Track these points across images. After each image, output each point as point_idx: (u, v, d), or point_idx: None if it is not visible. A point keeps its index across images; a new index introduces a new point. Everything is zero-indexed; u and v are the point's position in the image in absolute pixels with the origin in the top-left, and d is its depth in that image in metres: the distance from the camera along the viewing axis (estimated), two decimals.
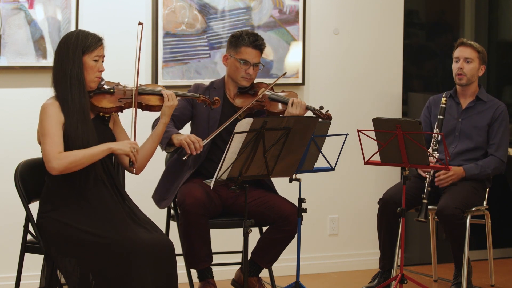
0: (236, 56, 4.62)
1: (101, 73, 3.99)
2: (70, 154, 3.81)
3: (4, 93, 5.04)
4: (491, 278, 5.46)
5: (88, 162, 3.84)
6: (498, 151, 5.14)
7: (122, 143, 3.94)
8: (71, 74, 3.89)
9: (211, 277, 4.55)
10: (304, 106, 4.59)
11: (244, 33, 4.64)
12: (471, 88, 5.24)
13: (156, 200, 4.67)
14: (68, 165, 3.80)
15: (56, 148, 3.81)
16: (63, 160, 3.79)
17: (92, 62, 3.93)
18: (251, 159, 3.91)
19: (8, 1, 4.94)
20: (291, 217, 4.51)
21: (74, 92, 3.88)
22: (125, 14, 5.22)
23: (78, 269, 3.71)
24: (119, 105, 4.05)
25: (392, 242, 5.07)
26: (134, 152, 3.92)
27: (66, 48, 3.92)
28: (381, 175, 5.88)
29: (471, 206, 5.00)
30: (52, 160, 3.79)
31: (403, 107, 6.00)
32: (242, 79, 4.64)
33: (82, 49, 3.91)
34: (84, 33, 3.96)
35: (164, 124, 4.13)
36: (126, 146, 3.92)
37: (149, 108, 4.15)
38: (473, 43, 5.22)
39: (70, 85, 3.89)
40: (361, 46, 5.85)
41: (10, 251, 4.58)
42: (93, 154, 3.84)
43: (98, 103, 4.00)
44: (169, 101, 4.12)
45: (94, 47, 3.94)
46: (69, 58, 3.90)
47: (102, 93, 4.04)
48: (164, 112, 4.13)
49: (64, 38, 3.98)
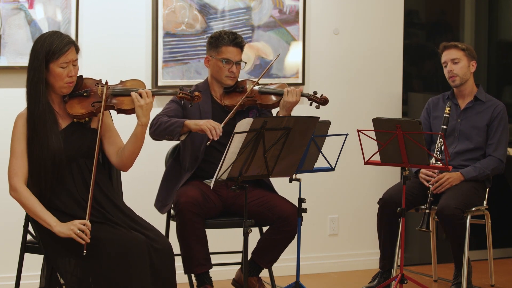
0: (218, 56, 4.63)
1: (72, 78, 3.82)
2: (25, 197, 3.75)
3: (4, 93, 5.04)
4: (491, 278, 5.46)
5: (31, 215, 3.78)
6: (496, 151, 5.14)
7: (65, 226, 3.67)
8: (31, 83, 3.77)
9: (210, 284, 4.53)
10: (300, 92, 4.60)
11: (223, 33, 4.66)
12: (467, 87, 5.24)
13: (158, 208, 4.67)
14: (19, 202, 3.80)
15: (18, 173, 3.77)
16: (17, 195, 3.77)
17: (59, 69, 3.77)
18: (251, 159, 3.91)
19: (8, 1, 4.94)
20: (291, 217, 4.51)
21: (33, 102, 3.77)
22: (125, 14, 5.22)
23: (78, 269, 3.69)
24: (91, 111, 3.85)
25: (392, 242, 5.07)
26: (79, 234, 3.63)
27: (33, 55, 3.79)
28: (381, 175, 5.88)
29: (471, 206, 5.00)
30: (11, 185, 3.79)
31: (403, 107, 6.00)
32: (227, 78, 4.65)
33: (46, 56, 3.75)
34: (51, 38, 3.78)
35: (141, 126, 3.86)
36: (67, 230, 3.66)
37: (123, 112, 3.92)
38: (455, 43, 5.23)
39: (30, 94, 3.78)
40: (361, 46, 5.85)
41: (10, 251, 4.57)
42: (36, 216, 3.73)
43: (71, 109, 3.84)
44: (140, 101, 3.85)
45: (60, 53, 3.76)
46: (33, 65, 3.78)
47: (76, 97, 3.87)
48: (138, 113, 3.85)
49: (35, 42, 3.82)
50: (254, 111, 4.73)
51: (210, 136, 4.38)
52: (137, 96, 3.85)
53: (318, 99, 4.67)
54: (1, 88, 5.03)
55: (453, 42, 5.25)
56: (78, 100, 3.87)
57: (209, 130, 4.38)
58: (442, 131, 5.03)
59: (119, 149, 3.96)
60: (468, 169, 5.09)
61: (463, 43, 5.30)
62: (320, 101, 4.67)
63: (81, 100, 3.87)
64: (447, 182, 5.01)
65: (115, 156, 3.95)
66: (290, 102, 4.58)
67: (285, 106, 4.60)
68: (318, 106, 4.70)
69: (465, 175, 5.06)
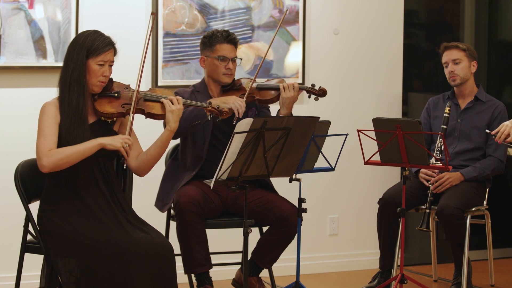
0: (213, 55, 4.64)
1: (105, 78, 3.93)
2: (60, 150, 3.78)
3: (4, 93, 5.04)
4: (491, 278, 5.46)
5: (79, 158, 3.79)
6: (496, 151, 5.14)
7: (113, 138, 3.85)
8: (72, 76, 3.86)
9: (210, 284, 4.53)
10: (297, 87, 4.61)
11: (216, 31, 4.69)
12: (467, 87, 5.24)
13: (159, 207, 4.67)
14: (58, 162, 3.77)
15: (47, 145, 3.79)
16: (52, 157, 3.77)
17: (96, 66, 3.88)
18: (251, 159, 3.91)
19: (8, 1, 4.94)
20: (291, 218, 4.51)
21: (72, 94, 3.85)
22: (125, 14, 5.22)
23: (78, 269, 3.70)
24: (120, 111, 3.96)
25: (392, 242, 5.07)
26: (126, 147, 3.84)
27: (73, 48, 3.89)
28: (381, 175, 5.88)
29: (471, 206, 5.00)
30: (42, 157, 3.78)
31: (403, 107, 6.00)
32: (224, 76, 4.66)
33: (87, 52, 3.86)
34: (94, 35, 3.91)
35: (170, 131, 4.01)
36: (117, 142, 3.83)
37: (152, 116, 4.05)
38: (456, 43, 5.23)
39: (69, 86, 3.85)
40: (361, 46, 5.85)
41: (10, 251, 4.58)
42: (83, 149, 3.80)
43: (100, 107, 3.93)
44: (171, 106, 3.99)
45: (100, 51, 3.88)
46: (73, 59, 3.87)
47: (107, 97, 3.97)
48: (168, 118, 4.00)
49: (76, 37, 3.96)
50: (253, 109, 4.73)
51: (237, 114, 4.43)
52: (169, 102, 4.00)
53: (317, 91, 4.67)
54: (1, 88, 5.03)
55: (454, 43, 5.25)
56: (108, 100, 3.96)
57: (236, 109, 4.44)
58: (442, 131, 5.03)
59: (139, 154, 4.04)
60: (468, 169, 5.09)
61: (463, 43, 5.30)
62: (319, 92, 4.67)
63: (111, 100, 3.96)
64: (447, 182, 5.01)
65: (134, 160, 4.02)
66: (288, 98, 4.58)
67: (284, 103, 4.60)
68: (317, 98, 4.69)
69: (465, 175, 5.06)
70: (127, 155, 3.86)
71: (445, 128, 5.07)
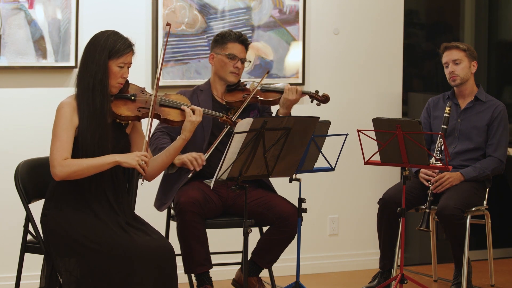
0: (223, 52, 4.65)
1: (124, 79, 3.90)
2: (75, 163, 3.75)
3: (4, 93, 5.04)
4: (491, 278, 5.46)
5: (93, 172, 3.77)
6: (496, 151, 5.14)
7: (129, 156, 3.81)
8: (95, 77, 3.80)
9: (210, 284, 4.53)
10: (300, 91, 4.62)
11: (229, 31, 4.72)
12: (467, 87, 5.24)
13: (157, 207, 4.67)
14: (71, 174, 3.75)
15: (63, 153, 3.75)
16: (67, 168, 3.74)
17: (117, 68, 3.84)
18: (251, 159, 3.91)
19: (8, 1, 4.94)
20: (291, 218, 4.51)
21: (96, 95, 3.79)
22: (125, 14, 5.22)
23: (78, 269, 3.70)
24: (136, 115, 3.92)
25: (392, 242, 5.07)
26: (142, 164, 3.80)
27: (94, 49, 3.83)
28: (381, 175, 5.88)
29: (471, 206, 5.00)
30: (56, 166, 3.74)
31: (403, 107, 6.00)
32: (231, 74, 4.67)
33: (109, 53, 3.82)
34: (115, 36, 3.87)
35: (184, 140, 4.01)
36: (133, 160, 3.80)
37: (167, 122, 4.03)
38: (457, 43, 5.23)
39: (93, 87, 3.80)
40: (361, 46, 5.85)
41: (10, 251, 4.58)
42: (98, 165, 3.77)
43: (116, 110, 3.89)
44: (192, 116, 4.00)
45: (122, 53, 3.84)
46: (95, 60, 3.81)
47: (123, 99, 3.93)
48: (185, 127, 4.00)
49: (94, 37, 3.89)
50: (255, 111, 4.73)
51: (191, 168, 4.41)
52: (191, 112, 4.01)
53: (320, 97, 4.68)
54: (1, 88, 5.03)
55: (454, 43, 5.25)
56: (123, 102, 3.93)
57: (190, 163, 4.42)
58: (442, 131, 5.03)
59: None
60: (468, 169, 5.09)
61: (464, 43, 5.30)
62: (321, 99, 4.69)
63: (126, 102, 3.93)
64: (447, 182, 5.01)
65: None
66: (290, 100, 4.59)
67: (285, 104, 4.61)
68: (319, 103, 4.71)
69: (465, 175, 5.06)
70: (144, 172, 3.83)
71: (445, 128, 5.07)
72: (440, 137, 4.96)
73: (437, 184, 5.01)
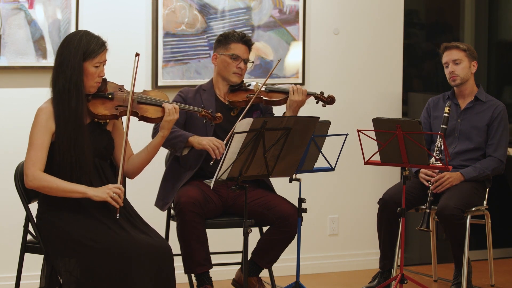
0: (226, 52, 4.65)
1: (101, 78, 3.89)
2: (47, 179, 3.74)
3: (4, 93, 5.04)
4: (491, 278, 5.46)
5: (60, 195, 3.76)
6: (496, 151, 5.14)
7: (100, 190, 3.76)
8: (70, 80, 3.79)
9: (210, 284, 4.53)
10: (305, 92, 4.62)
11: (233, 31, 4.73)
12: (467, 87, 5.24)
13: (159, 206, 4.68)
14: (40, 188, 3.76)
15: (36, 163, 3.75)
16: (38, 181, 3.74)
17: (93, 68, 3.82)
18: (251, 159, 3.91)
19: (8, 1, 4.94)
20: (291, 218, 4.51)
21: (71, 98, 3.78)
22: (125, 14, 5.22)
23: (78, 269, 3.69)
24: (114, 113, 3.90)
25: (392, 242, 5.07)
26: (114, 196, 3.74)
27: (68, 51, 3.80)
28: (381, 175, 5.88)
29: (471, 206, 5.00)
30: (29, 175, 3.75)
31: (403, 107, 6.00)
32: (234, 75, 4.67)
33: (84, 55, 3.80)
34: (87, 37, 3.83)
35: (163, 137, 4.02)
36: (103, 193, 3.74)
37: (146, 119, 4.00)
38: (457, 43, 5.23)
39: (68, 91, 3.78)
40: (361, 46, 5.85)
41: (10, 251, 4.58)
42: (67, 190, 3.75)
43: (94, 109, 3.87)
44: (169, 115, 3.98)
45: (96, 53, 3.82)
46: (69, 63, 3.79)
47: (100, 98, 3.91)
48: (163, 126, 4.00)
49: (67, 39, 3.85)
50: (258, 112, 4.74)
51: (213, 155, 4.40)
52: (173, 110, 3.99)
53: (325, 98, 4.68)
54: (1, 88, 5.03)
55: (454, 43, 5.25)
56: (101, 101, 3.91)
57: (212, 150, 4.41)
58: (442, 131, 5.03)
59: (129, 156, 4.04)
60: (468, 169, 5.09)
61: (464, 43, 5.30)
62: (327, 100, 4.68)
63: (104, 101, 3.92)
64: (447, 182, 5.01)
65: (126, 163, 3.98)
66: (296, 101, 4.59)
67: (291, 106, 4.61)
68: (325, 105, 4.71)
69: (465, 175, 5.06)
70: (118, 204, 3.76)
71: (445, 128, 5.07)
72: (440, 137, 4.96)
73: (437, 184, 5.01)
